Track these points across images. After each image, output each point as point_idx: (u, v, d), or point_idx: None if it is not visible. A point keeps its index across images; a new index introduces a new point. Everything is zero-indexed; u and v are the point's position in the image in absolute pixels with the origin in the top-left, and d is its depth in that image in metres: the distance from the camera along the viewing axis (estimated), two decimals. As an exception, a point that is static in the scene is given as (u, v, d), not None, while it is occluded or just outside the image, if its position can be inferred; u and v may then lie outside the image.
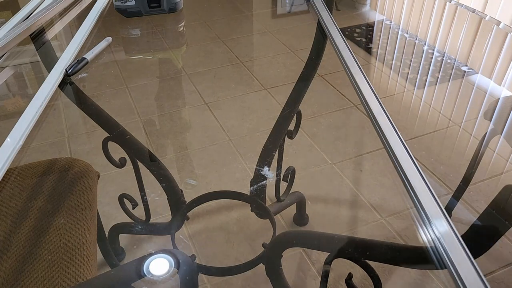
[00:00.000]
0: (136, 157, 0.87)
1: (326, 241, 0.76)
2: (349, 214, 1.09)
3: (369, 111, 0.55)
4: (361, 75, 0.64)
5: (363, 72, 0.65)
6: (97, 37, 0.93)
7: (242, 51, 1.82)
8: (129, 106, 1.47)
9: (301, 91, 1.01)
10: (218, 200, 1.10)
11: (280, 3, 2.32)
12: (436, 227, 0.40)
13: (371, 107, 0.55)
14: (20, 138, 0.58)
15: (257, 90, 1.57)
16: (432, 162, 1.22)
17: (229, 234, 1.05)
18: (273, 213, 0.94)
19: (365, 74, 0.65)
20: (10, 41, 0.77)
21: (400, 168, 0.47)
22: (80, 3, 1.06)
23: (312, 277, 0.95)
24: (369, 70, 1.71)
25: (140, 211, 0.90)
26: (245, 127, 1.39)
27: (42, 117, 0.65)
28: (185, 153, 1.30)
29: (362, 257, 0.57)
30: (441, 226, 0.40)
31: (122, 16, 1.31)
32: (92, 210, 0.66)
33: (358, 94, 0.61)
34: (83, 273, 0.56)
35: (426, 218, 0.41)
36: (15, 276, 0.55)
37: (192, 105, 1.49)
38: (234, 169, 1.22)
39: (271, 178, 0.86)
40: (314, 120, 1.41)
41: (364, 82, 0.63)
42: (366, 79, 0.63)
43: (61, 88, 0.75)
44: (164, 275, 0.51)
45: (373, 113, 0.53)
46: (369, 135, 1.35)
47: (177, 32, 1.55)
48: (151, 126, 1.40)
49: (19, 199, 0.66)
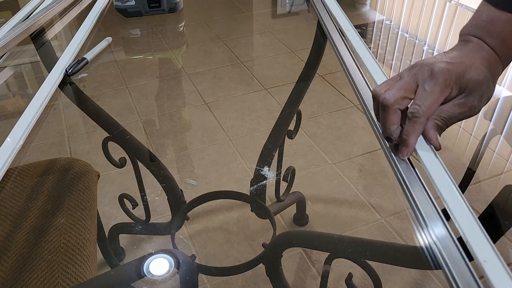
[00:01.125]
0: (136, 157, 0.87)
1: (326, 241, 0.76)
2: (349, 214, 1.09)
3: (367, 111, 0.55)
4: (360, 76, 0.64)
5: (362, 73, 0.65)
6: (97, 37, 0.93)
7: (242, 51, 1.82)
8: (129, 106, 1.47)
9: (301, 91, 1.01)
10: (218, 200, 1.10)
11: (280, 3, 2.32)
12: (432, 228, 0.40)
13: (368, 107, 0.54)
14: (20, 138, 0.58)
15: (257, 90, 1.57)
16: (432, 162, 1.22)
17: (229, 234, 1.05)
18: (273, 213, 0.94)
19: (364, 75, 0.65)
20: (10, 41, 0.77)
21: (397, 168, 0.46)
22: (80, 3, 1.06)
23: (312, 277, 0.95)
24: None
25: (140, 211, 0.90)
26: (245, 127, 1.39)
27: (42, 117, 0.65)
28: (185, 153, 1.30)
29: (362, 257, 0.57)
30: (437, 227, 0.40)
31: (122, 16, 1.31)
32: (92, 210, 0.66)
33: (356, 94, 0.61)
34: (83, 273, 0.56)
35: (422, 218, 0.41)
36: (15, 276, 0.55)
37: (192, 105, 1.49)
38: (234, 169, 1.22)
39: (271, 178, 0.86)
40: (314, 120, 1.41)
41: (362, 83, 0.63)
42: (365, 80, 0.63)
43: (61, 88, 0.75)
44: (164, 275, 0.51)
45: (370, 113, 0.53)
46: (369, 135, 1.35)
47: (177, 32, 1.54)
48: (151, 126, 1.40)
49: (19, 199, 0.66)
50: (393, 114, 0.46)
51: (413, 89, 0.46)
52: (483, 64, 0.46)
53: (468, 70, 0.45)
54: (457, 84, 0.45)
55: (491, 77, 0.47)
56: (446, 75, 0.45)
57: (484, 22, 0.48)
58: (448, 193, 0.44)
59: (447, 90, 0.45)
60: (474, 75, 0.45)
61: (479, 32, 0.48)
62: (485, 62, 0.47)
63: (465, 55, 0.47)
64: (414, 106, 0.45)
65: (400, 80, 0.48)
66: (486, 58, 0.47)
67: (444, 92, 0.45)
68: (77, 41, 0.85)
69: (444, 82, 0.45)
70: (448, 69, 0.45)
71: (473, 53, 0.47)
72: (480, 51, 0.47)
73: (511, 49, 0.48)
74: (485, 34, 0.48)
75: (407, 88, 0.46)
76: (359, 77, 0.65)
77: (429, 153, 0.47)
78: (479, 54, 0.47)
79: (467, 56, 0.47)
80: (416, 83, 0.46)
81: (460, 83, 0.45)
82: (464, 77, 0.45)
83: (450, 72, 0.45)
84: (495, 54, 0.48)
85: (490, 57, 0.48)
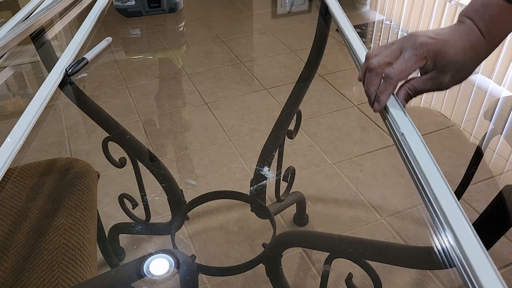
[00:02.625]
0: (136, 157, 0.87)
1: (326, 241, 0.76)
2: (349, 214, 1.09)
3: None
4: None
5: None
6: (97, 37, 0.93)
7: (242, 51, 1.82)
8: (129, 106, 1.47)
9: (301, 91, 1.01)
10: (218, 200, 1.10)
11: (280, 3, 2.32)
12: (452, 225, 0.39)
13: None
14: (20, 138, 0.58)
15: (257, 90, 1.57)
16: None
17: (229, 234, 1.05)
18: (273, 213, 0.94)
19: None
20: (10, 41, 0.77)
21: (414, 161, 0.46)
22: (80, 3, 1.06)
23: (312, 277, 0.95)
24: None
25: (140, 211, 0.90)
26: (245, 127, 1.39)
27: (42, 117, 0.64)
28: (185, 153, 1.30)
29: (362, 257, 0.57)
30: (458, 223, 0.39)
31: (122, 16, 1.31)
32: (92, 210, 0.66)
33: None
34: (83, 273, 0.56)
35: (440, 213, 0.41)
36: (15, 276, 0.55)
37: (192, 105, 1.49)
38: (234, 169, 1.22)
39: (271, 178, 0.86)
40: (314, 120, 1.41)
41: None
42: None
43: (61, 88, 0.75)
44: (164, 275, 0.51)
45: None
46: (369, 135, 1.35)
47: (177, 32, 1.55)
48: (151, 126, 1.40)
49: (19, 199, 0.66)
50: (374, 77, 0.52)
51: (397, 56, 0.51)
52: (466, 47, 0.49)
53: (448, 48, 0.49)
54: (433, 58, 0.49)
55: (474, 59, 0.50)
56: (424, 47, 0.49)
57: (479, 5, 0.51)
58: (417, 147, 0.47)
59: (422, 62, 0.50)
60: (451, 54, 0.49)
61: (473, 14, 0.51)
62: (469, 45, 0.50)
63: (452, 34, 0.50)
64: (390, 68, 0.50)
65: (389, 47, 0.53)
66: (472, 40, 0.50)
67: (418, 62, 0.50)
68: (77, 41, 0.85)
69: (421, 54, 0.49)
70: (429, 43, 0.49)
71: (461, 33, 0.50)
72: (470, 33, 0.50)
73: (499, 33, 0.51)
74: (477, 17, 0.50)
75: (392, 55, 0.51)
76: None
77: (398, 110, 0.52)
78: (467, 37, 0.50)
79: (454, 35, 0.50)
80: (400, 51, 0.51)
81: (436, 58, 0.49)
82: (441, 54, 0.49)
83: (429, 46, 0.49)
84: (483, 38, 0.50)
85: (477, 40, 0.50)
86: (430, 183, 0.44)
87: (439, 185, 0.43)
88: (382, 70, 0.51)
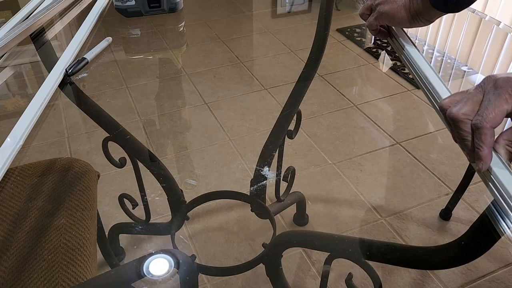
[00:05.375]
0: (136, 157, 0.87)
1: (326, 241, 0.75)
2: (349, 214, 1.09)
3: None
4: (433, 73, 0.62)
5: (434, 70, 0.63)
6: (97, 37, 0.93)
7: (242, 51, 1.82)
8: (129, 106, 1.47)
9: (301, 91, 1.01)
10: (218, 200, 1.10)
11: (280, 3, 2.32)
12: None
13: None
14: (20, 138, 0.58)
15: (257, 90, 1.57)
16: (432, 162, 1.22)
17: (229, 234, 1.05)
18: (273, 213, 0.94)
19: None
20: (10, 41, 0.77)
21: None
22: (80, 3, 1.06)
23: (312, 277, 0.95)
24: (369, 70, 1.71)
25: (140, 211, 0.90)
26: (245, 127, 1.39)
27: (42, 117, 0.65)
28: (185, 153, 1.30)
29: (362, 257, 0.57)
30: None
31: (122, 16, 1.31)
32: (92, 210, 0.66)
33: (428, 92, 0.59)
34: (83, 273, 0.56)
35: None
36: (15, 276, 0.55)
37: (192, 105, 1.49)
38: (234, 169, 1.22)
39: (271, 178, 0.86)
40: (314, 120, 1.41)
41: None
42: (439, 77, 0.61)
43: (61, 88, 0.75)
44: (164, 275, 0.51)
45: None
46: (369, 135, 1.35)
47: (177, 32, 1.55)
48: (151, 126, 1.40)
49: (19, 199, 0.66)
50: (463, 128, 0.44)
51: (480, 101, 0.44)
52: None
53: None
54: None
55: None
56: (510, 84, 0.43)
57: None
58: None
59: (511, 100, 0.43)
60: None
61: None
62: None
63: None
64: (476, 117, 0.43)
65: (467, 93, 0.46)
66: None
67: (508, 101, 0.43)
68: (77, 41, 0.85)
69: (508, 91, 0.43)
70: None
71: None
72: None
73: None
74: None
75: (473, 100, 0.45)
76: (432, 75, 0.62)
77: (503, 170, 0.44)
78: None
79: None
80: (482, 95, 0.45)
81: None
82: None
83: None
84: None
85: None
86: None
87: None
88: (467, 118, 0.44)
